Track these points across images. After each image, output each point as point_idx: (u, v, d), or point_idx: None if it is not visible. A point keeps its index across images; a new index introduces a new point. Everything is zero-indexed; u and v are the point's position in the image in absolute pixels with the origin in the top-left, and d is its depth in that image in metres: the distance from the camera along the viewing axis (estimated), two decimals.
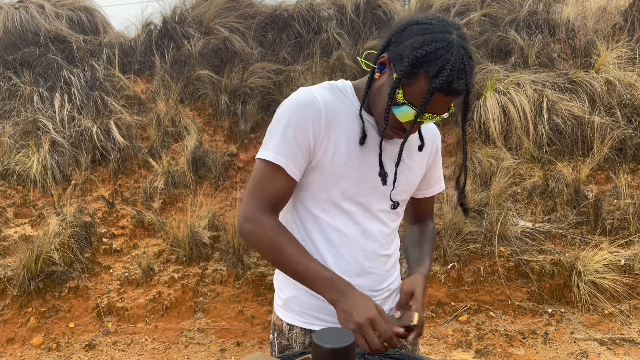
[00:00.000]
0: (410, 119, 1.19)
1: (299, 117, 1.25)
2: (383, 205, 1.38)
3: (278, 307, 1.46)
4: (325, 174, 1.30)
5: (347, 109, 1.31)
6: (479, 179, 4.41)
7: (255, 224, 1.25)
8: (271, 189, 1.26)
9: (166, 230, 4.15)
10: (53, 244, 3.85)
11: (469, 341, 3.45)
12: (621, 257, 3.78)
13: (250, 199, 1.27)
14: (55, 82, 5.35)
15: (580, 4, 6.10)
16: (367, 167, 1.31)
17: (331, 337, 0.91)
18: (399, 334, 1.20)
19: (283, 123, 1.26)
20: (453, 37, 1.14)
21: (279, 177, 1.25)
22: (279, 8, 6.25)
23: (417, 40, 1.15)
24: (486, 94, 4.88)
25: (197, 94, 5.34)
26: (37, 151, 4.63)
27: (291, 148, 1.24)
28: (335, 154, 1.28)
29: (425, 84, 1.14)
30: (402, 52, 1.18)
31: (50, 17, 6.15)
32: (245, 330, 3.63)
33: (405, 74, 1.15)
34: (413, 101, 1.17)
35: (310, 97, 1.27)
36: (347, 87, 1.35)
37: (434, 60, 1.12)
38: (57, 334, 3.62)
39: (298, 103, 1.26)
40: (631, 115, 4.87)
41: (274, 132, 1.27)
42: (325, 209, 1.34)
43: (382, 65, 1.25)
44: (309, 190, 1.34)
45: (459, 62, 1.13)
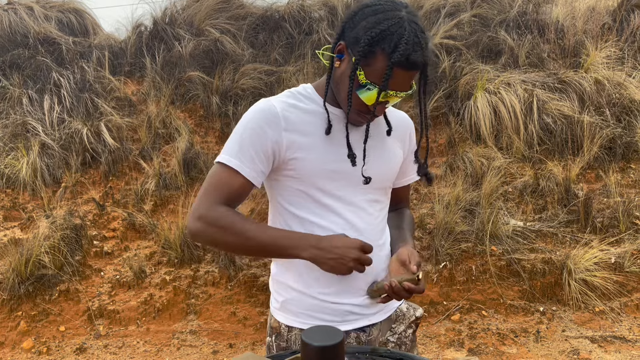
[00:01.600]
0: (374, 98, 1.22)
1: (255, 122, 1.28)
2: (363, 195, 1.38)
3: (275, 309, 1.46)
4: (300, 174, 1.31)
5: (310, 108, 1.34)
6: (470, 178, 4.43)
7: (206, 217, 1.25)
8: (225, 189, 1.27)
9: (157, 232, 4.13)
10: (43, 247, 3.82)
11: (462, 340, 3.46)
12: (611, 255, 3.80)
13: (204, 198, 1.28)
14: (45, 84, 5.31)
15: (569, 4, 6.15)
16: (340, 161, 1.32)
17: (320, 335, 0.90)
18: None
19: (240, 130, 1.30)
20: (403, 14, 1.19)
21: (234, 178, 1.27)
22: (270, 9, 6.25)
23: (369, 21, 1.19)
24: (477, 94, 4.90)
25: (188, 96, 5.32)
26: (27, 154, 4.60)
27: (247, 151, 1.27)
28: (303, 153, 1.30)
29: (384, 61, 1.18)
30: (357, 34, 1.21)
31: (39, 19, 6.11)
32: (238, 331, 3.62)
33: (363, 54, 1.19)
34: (375, 80, 1.20)
35: (267, 104, 1.32)
36: (306, 89, 1.39)
37: (389, 37, 1.17)
38: (47, 338, 3.59)
39: (256, 111, 1.30)
40: (620, 114, 4.91)
41: (232, 138, 1.31)
42: (309, 209, 1.34)
43: (340, 53, 1.28)
44: (289, 194, 1.35)
45: (413, 35, 1.17)
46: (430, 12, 6.19)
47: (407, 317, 1.51)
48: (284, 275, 1.42)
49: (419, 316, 1.52)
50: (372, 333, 1.43)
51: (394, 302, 1.49)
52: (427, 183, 1.43)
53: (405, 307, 1.53)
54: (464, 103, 4.99)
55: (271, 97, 1.36)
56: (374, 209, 1.41)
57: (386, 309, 1.46)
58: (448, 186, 4.37)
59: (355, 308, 1.39)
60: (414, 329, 1.52)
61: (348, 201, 1.36)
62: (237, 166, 1.27)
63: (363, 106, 1.26)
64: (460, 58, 5.45)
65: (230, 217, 1.25)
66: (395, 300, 1.48)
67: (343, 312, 1.38)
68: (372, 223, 1.40)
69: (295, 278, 1.40)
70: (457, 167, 4.58)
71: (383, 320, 1.46)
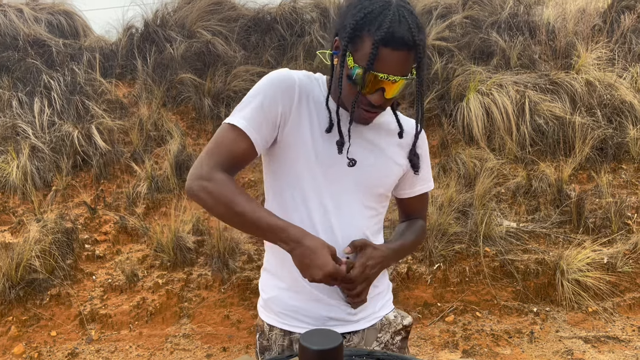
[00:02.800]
0: (360, 80, 1.19)
1: (271, 88, 1.27)
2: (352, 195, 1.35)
3: (260, 307, 1.46)
4: (294, 156, 1.30)
5: (319, 95, 1.32)
6: (463, 179, 4.44)
7: (206, 179, 1.23)
8: (230, 150, 1.25)
9: (150, 236, 4.10)
10: (34, 251, 3.78)
11: (456, 341, 3.46)
12: (604, 256, 3.82)
13: (206, 158, 1.25)
14: (35, 86, 5.27)
15: (560, 6, 6.19)
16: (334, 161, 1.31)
17: (318, 339, 0.89)
18: None
19: (254, 93, 1.28)
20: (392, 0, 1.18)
21: (241, 141, 1.25)
22: (261, 11, 6.24)
23: (356, 9, 1.19)
24: (469, 95, 4.92)
25: (180, 98, 5.30)
26: (17, 157, 4.55)
27: (257, 115, 1.25)
28: (300, 130, 1.29)
29: (369, 42, 1.16)
30: (345, 24, 1.21)
31: (29, 21, 6.06)
32: (232, 335, 3.60)
33: (349, 39, 1.18)
34: (363, 64, 1.18)
35: (286, 73, 1.30)
36: (321, 78, 1.37)
37: (374, 18, 1.15)
38: (38, 343, 3.55)
39: (274, 76, 1.29)
40: (611, 115, 4.95)
41: (244, 101, 1.29)
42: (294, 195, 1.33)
43: (337, 49, 1.26)
44: (283, 174, 1.33)
45: (398, 14, 1.15)
46: (422, 14, 6.20)
47: (394, 326, 1.45)
48: (271, 273, 1.41)
49: (406, 324, 1.46)
50: (352, 339, 1.40)
51: (381, 311, 1.45)
52: (414, 171, 1.41)
53: (393, 316, 1.47)
54: (456, 104, 5.00)
55: (291, 70, 1.33)
56: (363, 215, 1.37)
57: (371, 317, 1.42)
58: (441, 187, 4.37)
59: (335, 313, 1.36)
60: (403, 335, 1.47)
61: (335, 197, 1.33)
62: (245, 128, 1.25)
63: (357, 96, 1.23)
64: (453, 60, 5.46)
65: (225, 188, 1.22)
66: (381, 309, 1.45)
67: (323, 317, 1.36)
68: (355, 225, 1.36)
69: (279, 277, 1.38)
70: (450, 168, 4.59)
71: (367, 328, 1.41)
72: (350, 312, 1.37)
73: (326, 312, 1.36)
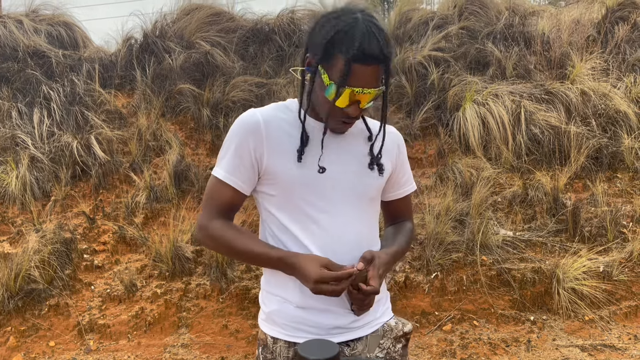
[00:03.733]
0: (334, 95, 1.26)
1: (239, 134, 1.37)
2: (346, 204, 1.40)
3: (262, 321, 1.47)
4: (280, 183, 1.36)
5: (291, 119, 1.39)
6: (460, 188, 4.47)
7: (206, 229, 1.39)
8: (218, 200, 1.40)
9: (148, 245, 4.11)
10: (32, 262, 3.79)
11: (454, 350, 3.47)
12: (600, 264, 3.85)
13: (203, 210, 1.42)
14: (34, 97, 5.30)
15: (554, 17, 6.26)
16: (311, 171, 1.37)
17: (316, 349, 0.92)
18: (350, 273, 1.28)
19: (228, 142, 1.40)
20: (358, 15, 1.25)
21: (225, 189, 1.38)
22: (260, 22, 6.29)
23: (325, 27, 1.26)
24: (465, 105, 4.96)
25: (179, 108, 5.33)
26: (16, 167, 4.57)
27: (234, 163, 1.37)
28: (282, 162, 1.35)
29: (342, 60, 1.23)
30: (317, 42, 1.27)
31: (28, 32, 6.11)
32: (230, 344, 3.61)
33: (322, 56, 1.25)
34: (336, 79, 1.25)
35: (250, 114, 1.39)
36: (292, 103, 1.44)
37: (344, 36, 1.22)
38: (37, 353, 3.55)
39: (240, 122, 1.39)
40: (606, 124, 4.99)
41: (222, 151, 1.41)
42: (292, 217, 1.38)
43: (309, 66, 1.33)
44: (274, 202, 1.40)
45: (367, 31, 1.22)
46: (419, 25, 6.26)
47: (395, 332, 1.49)
48: (271, 286, 1.44)
49: (407, 331, 1.51)
50: (356, 347, 1.43)
51: (382, 317, 1.48)
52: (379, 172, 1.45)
53: (394, 322, 1.51)
54: (452, 114, 5.05)
55: (256, 108, 1.42)
56: (362, 220, 1.43)
57: (372, 323, 1.45)
58: (438, 197, 4.40)
59: (340, 322, 1.39)
60: (403, 343, 1.50)
61: (329, 210, 1.38)
62: (225, 178, 1.37)
63: (334, 109, 1.30)
64: (449, 70, 5.51)
65: (222, 233, 1.38)
66: (382, 315, 1.49)
67: (327, 326, 1.38)
68: (358, 235, 1.41)
69: (280, 290, 1.41)
70: (446, 177, 4.62)
71: (370, 335, 1.45)
72: (354, 320, 1.41)
73: (332, 321, 1.39)
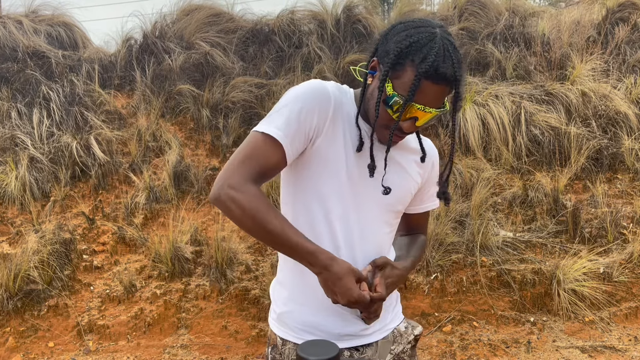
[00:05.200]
0: (400, 109, 1.19)
1: (308, 100, 1.24)
2: (376, 213, 1.37)
3: (272, 320, 1.45)
4: (321, 165, 1.29)
5: (350, 111, 1.32)
6: (459, 189, 4.46)
7: (236, 191, 1.19)
8: (264, 162, 1.22)
9: (148, 246, 4.11)
10: (32, 262, 3.79)
11: (453, 351, 3.47)
12: (600, 265, 3.84)
13: (238, 166, 1.21)
14: (34, 97, 5.29)
15: (554, 17, 6.26)
16: (360, 175, 1.31)
17: (316, 350, 0.91)
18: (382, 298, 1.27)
19: (290, 103, 1.24)
20: (436, 30, 1.18)
21: (275, 152, 1.22)
22: (259, 23, 6.29)
23: (401, 35, 1.19)
24: (465, 106, 4.96)
25: (179, 109, 5.32)
26: (15, 168, 4.56)
27: (293, 128, 1.22)
28: (333, 146, 1.28)
29: (412, 73, 1.16)
30: (388, 49, 1.21)
31: (28, 32, 6.10)
32: (230, 345, 3.60)
33: (392, 65, 1.18)
34: (402, 92, 1.18)
35: (321, 85, 1.28)
36: (349, 91, 1.37)
37: (419, 49, 1.15)
38: (36, 354, 3.54)
39: (310, 88, 1.26)
40: (606, 125, 4.99)
41: (279, 109, 1.25)
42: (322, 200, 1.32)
43: (373, 70, 1.27)
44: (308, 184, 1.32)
45: (443, 49, 1.15)
46: None
47: (405, 337, 1.48)
48: (285, 286, 1.42)
49: (417, 334, 1.50)
50: (365, 352, 1.42)
51: (391, 323, 1.47)
52: (445, 203, 1.39)
53: (404, 327, 1.50)
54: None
55: (324, 81, 1.31)
56: (383, 231, 1.40)
57: (383, 329, 1.44)
58: None
59: (351, 329, 1.38)
60: (413, 344, 1.50)
61: (361, 217, 1.34)
62: (281, 138, 1.21)
63: (391, 121, 1.23)
64: None
65: (257, 203, 1.19)
66: (392, 321, 1.47)
67: (338, 333, 1.37)
68: (375, 242, 1.38)
69: (294, 292, 1.39)
70: None
71: (380, 340, 1.43)
72: (364, 327, 1.39)
73: (342, 328, 1.37)
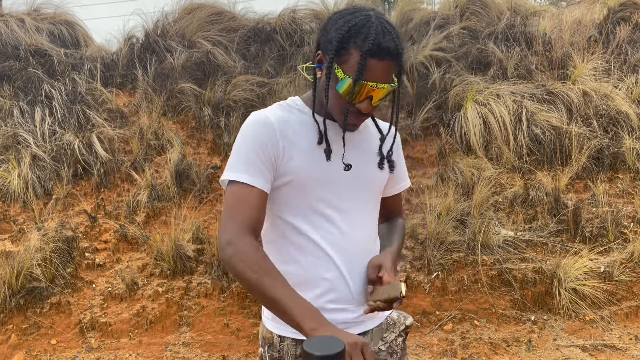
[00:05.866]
0: (350, 89, 1.26)
1: (254, 134, 1.32)
2: (361, 202, 1.42)
3: (267, 319, 1.47)
4: (297, 183, 1.35)
5: (300, 119, 1.38)
6: (461, 188, 4.47)
7: (236, 245, 1.22)
8: (246, 207, 1.27)
9: (150, 244, 4.12)
10: (34, 260, 3.80)
11: (454, 350, 3.48)
12: (601, 264, 3.85)
13: (228, 221, 1.26)
14: (36, 95, 5.30)
15: (556, 17, 6.26)
16: (332, 170, 1.37)
17: (321, 345, 0.92)
18: None
19: (241, 145, 1.33)
20: (370, 13, 1.27)
21: (250, 193, 1.28)
22: (261, 21, 6.30)
23: (339, 23, 1.27)
24: (467, 105, 4.97)
25: (180, 107, 5.33)
26: (18, 166, 4.58)
27: (253, 163, 1.30)
28: (298, 162, 1.34)
29: (357, 54, 1.23)
30: (330, 38, 1.28)
31: (30, 30, 6.11)
32: (231, 343, 3.61)
33: (336, 52, 1.25)
34: (352, 74, 1.25)
35: (261, 115, 1.35)
36: (295, 101, 1.44)
37: (359, 31, 1.23)
38: (38, 351, 3.55)
39: (252, 123, 1.34)
40: (607, 125, 5.00)
41: (237, 153, 1.33)
42: (306, 217, 1.37)
43: (320, 63, 1.34)
44: (287, 204, 1.37)
45: (381, 27, 1.24)
46: (420, 25, 6.27)
47: (398, 326, 1.53)
48: None
49: (409, 325, 1.55)
50: None
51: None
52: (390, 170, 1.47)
53: (396, 315, 1.55)
54: (454, 114, 5.05)
55: (263, 109, 1.40)
56: (370, 217, 1.45)
57: (379, 316, 1.49)
58: (439, 196, 4.41)
59: (347, 316, 1.41)
60: (404, 337, 1.54)
61: (343, 208, 1.39)
62: (249, 180, 1.28)
63: (347, 105, 1.30)
64: (450, 70, 5.52)
65: (257, 258, 1.21)
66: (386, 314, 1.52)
67: (335, 321, 1.40)
68: (367, 233, 1.44)
69: None
70: (447, 177, 4.63)
71: (375, 327, 1.48)
72: (360, 314, 1.43)
73: (339, 317, 1.40)
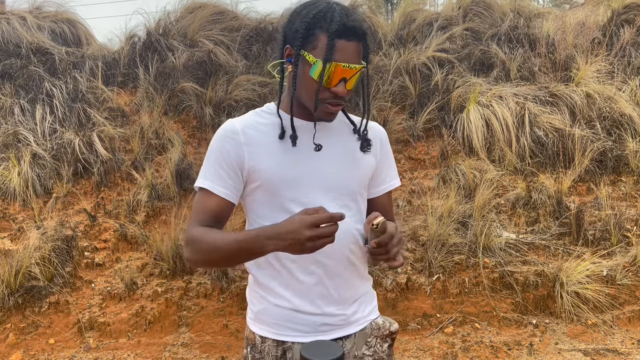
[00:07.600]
0: (320, 71, 1.27)
1: (218, 142, 1.37)
2: (332, 200, 1.38)
3: (250, 320, 1.47)
4: (265, 184, 1.36)
5: (268, 121, 1.40)
6: (463, 190, 4.45)
7: (187, 240, 1.33)
8: (203, 210, 1.35)
9: (149, 244, 4.10)
10: (33, 258, 3.78)
11: (455, 353, 3.45)
12: (603, 268, 3.82)
13: (188, 225, 1.36)
14: (37, 94, 5.29)
15: (559, 19, 6.24)
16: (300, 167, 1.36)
17: (319, 350, 0.90)
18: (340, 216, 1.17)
19: (211, 152, 1.39)
20: (330, 0, 1.32)
21: (209, 199, 1.35)
22: (263, 21, 6.28)
23: (302, 13, 1.31)
24: (469, 107, 4.94)
25: (182, 107, 5.32)
26: (18, 164, 4.56)
27: (215, 171, 1.35)
28: (264, 163, 1.35)
29: (325, 37, 1.26)
30: (296, 29, 1.31)
31: (32, 28, 6.10)
32: (230, 344, 3.59)
33: (303, 39, 1.28)
34: (322, 56, 1.26)
35: (228, 124, 1.40)
36: (269, 106, 1.46)
37: (323, 16, 1.27)
38: (36, 351, 3.54)
39: (217, 133, 1.39)
40: (610, 127, 4.97)
41: (205, 162, 1.40)
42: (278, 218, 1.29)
43: (289, 57, 1.34)
44: (260, 207, 1.38)
45: (344, 10, 1.29)
46: (423, 26, 6.25)
47: (382, 331, 1.50)
48: (258, 285, 1.43)
49: (393, 330, 1.51)
50: (345, 345, 1.44)
51: (370, 315, 1.49)
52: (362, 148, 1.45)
53: (381, 321, 1.52)
54: (456, 116, 5.03)
55: (236, 117, 1.43)
56: (350, 213, 1.40)
57: (361, 321, 1.46)
58: (441, 198, 4.38)
59: (328, 319, 1.40)
60: (389, 343, 1.51)
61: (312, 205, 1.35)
62: (209, 186, 1.35)
63: (321, 91, 1.30)
64: (453, 71, 5.49)
65: (201, 233, 1.31)
66: (370, 313, 1.49)
67: (316, 323, 1.39)
68: (342, 229, 1.35)
69: (267, 288, 1.41)
70: (449, 179, 4.60)
71: (358, 332, 1.46)
72: (343, 317, 1.41)
73: (320, 319, 1.39)
